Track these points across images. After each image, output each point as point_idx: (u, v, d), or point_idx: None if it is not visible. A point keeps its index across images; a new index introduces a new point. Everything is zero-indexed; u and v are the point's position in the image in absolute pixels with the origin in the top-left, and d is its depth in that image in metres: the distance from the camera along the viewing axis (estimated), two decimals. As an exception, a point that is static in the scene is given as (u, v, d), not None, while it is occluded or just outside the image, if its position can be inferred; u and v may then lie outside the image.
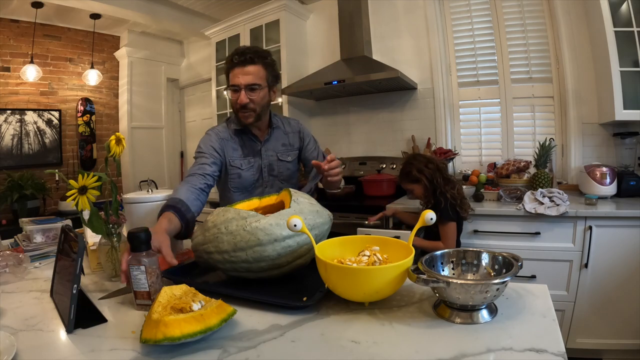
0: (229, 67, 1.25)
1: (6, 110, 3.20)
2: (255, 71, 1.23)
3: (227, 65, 1.27)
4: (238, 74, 1.22)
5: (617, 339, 1.73)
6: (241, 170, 1.33)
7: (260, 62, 1.24)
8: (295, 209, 0.84)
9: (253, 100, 1.24)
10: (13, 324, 0.71)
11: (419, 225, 0.74)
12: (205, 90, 3.97)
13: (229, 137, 1.33)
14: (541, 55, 2.35)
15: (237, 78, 1.23)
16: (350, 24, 2.67)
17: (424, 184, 1.69)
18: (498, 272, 0.73)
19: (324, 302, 0.74)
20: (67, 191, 0.86)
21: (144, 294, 0.74)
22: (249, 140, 1.34)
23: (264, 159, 1.35)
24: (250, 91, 1.23)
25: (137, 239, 0.75)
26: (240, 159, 1.33)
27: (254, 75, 1.23)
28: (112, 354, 0.59)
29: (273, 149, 1.37)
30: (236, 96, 1.24)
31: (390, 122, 2.80)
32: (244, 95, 1.22)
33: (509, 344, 0.56)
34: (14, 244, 1.29)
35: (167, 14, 3.36)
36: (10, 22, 3.21)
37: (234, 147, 1.33)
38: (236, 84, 1.23)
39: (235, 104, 1.25)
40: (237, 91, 1.24)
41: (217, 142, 1.30)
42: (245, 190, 1.36)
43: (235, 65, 1.23)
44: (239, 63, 1.22)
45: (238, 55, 1.22)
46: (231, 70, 1.25)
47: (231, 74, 1.25)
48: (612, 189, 1.91)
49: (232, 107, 1.31)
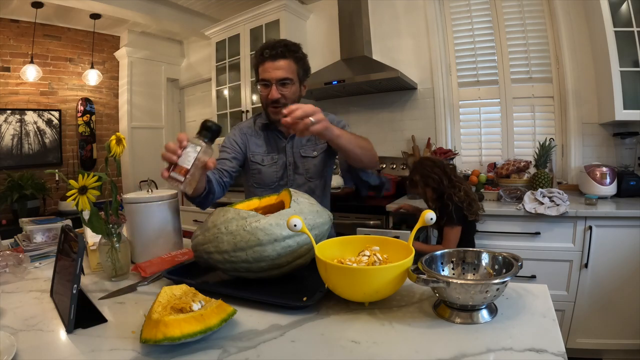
0: (259, 61, 1.21)
1: (6, 110, 3.20)
2: (286, 65, 1.19)
3: (256, 59, 1.23)
4: (269, 68, 1.19)
5: (617, 339, 1.73)
6: (262, 166, 1.30)
7: (291, 56, 1.20)
8: (295, 209, 0.84)
9: (284, 95, 1.20)
10: (13, 324, 0.71)
11: (418, 226, 0.74)
12: (205, 90, 3.97)
13: (254, 133, 1.32)
14: (541, 55, 2.35)
15: (267, 72, 1.19)
16: (350, 24, 2.67)
17: (431, 189, 1.70)
18: (498, 272, 0.73)
19: (324, 302, 0.74)
20: (67, 191, 0.86)
21: (182, 169, 0.78)
22: (275, 136, 1.31)
23: (288, 156, 1.30)
24: (281, 86, 1.20)
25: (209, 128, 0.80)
26: (263, 155, 1.31)
27: (285, 69, 1.19)
28: (112, 354, 0.59)
29: (297, 145, 1.31)
30: (267, 91, 1.21)
31: (390, 122, 2.80)
32: (275, 90, 1.19)
33: (509, 344, 0.56)
34: (14, 244, 1.28)
35: (167, 14, 3.36)
36: (10, 22, 3.21)
37: (258, 142, 1.31)
38: (267, 78, 1.19)
39: (266, 99, 1.22)
40: (268, 86, 1.20)
41: (239, 136, 1.30)
42: (267, 187, 1.31)
43: (265, 60, 1.19)
44: (270, 57, 1.18)
45: (269, 49, 1.19)
46: (261, 64, 1.21)
47: (261, 68, 1.21)
48: (612, 189, 1.91)
49: (261, 103, 1.28)
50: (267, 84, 1.21)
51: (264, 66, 1.20)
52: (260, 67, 1.22)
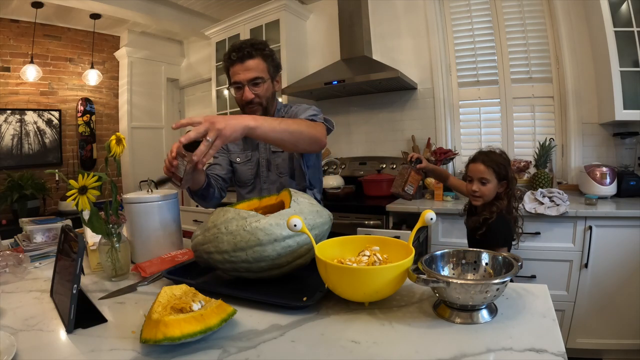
0: (228, 64, 1.22)
1: (6, 110, 3.20)
2: (255, 65, 1.20)
3: (225, 62, 1.23)
4: (239, 70, 1.20)
5: (617, 339, 1.73)
6: (237, 164, 1.32)
7: (259, 54, 1.20)
8: (295, 209, 0.84)
9: (258, 94, 1.21)
10: (13, 324, 0.71)
11: (418, 226, 0.74)
12: (205, 90, 3.97)
13: None
14: (541, 55, 2.35)
15: (238, 75, 1.20)
16: (350, 24, 2.67)
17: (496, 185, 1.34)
18: (498, 272, 0.73)
19: (324, 302, 0.74)
20: (67, 191, 0.86)
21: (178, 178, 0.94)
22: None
23: (261, 152, 1.31)
24: (253, 86, 1.20)
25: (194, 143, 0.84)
26: (239, 153, 1.32)
27: (254, 69, 1.19)
28: (112, 354, 0.59)
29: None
30: (240, 93, 1.22)
31: (390, 122, 2.80)
32: (248, 91, 1.20)
33: (509, 344, 0.56)
34: (14, 244, 1.28)
35: (167, 14, 3.36)
36: (10, 22, 3.21)
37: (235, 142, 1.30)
38: (238, 80, 1.20)
39: (241, 100, 1.23)
40: (241, 88, 1.21)
41: None
42: (245, 186, 1.33)
43: (234, 62, 1.20)
44: (238, 59, 1.19)
45: (236, 51, 1.19)
46: (231, 67, 1.21)
47: (232, 71, 1.22)
48: (612, 189, 1.91)
49: (237, 105, 1.28)
50: (239, 86, 1.21)
51: (234, 69, 1.21)
52: (230, 70, 1.22)
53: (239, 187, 1.36)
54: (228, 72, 1.25)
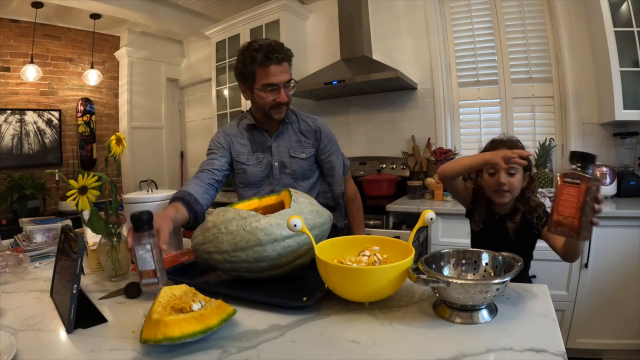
0: (263, 64, 1.17)
1: (6, 110, 3.20)
2: (288, 68, 1.20)
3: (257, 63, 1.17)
4: (276, 72, 1.17)
5: (617, 339, 1.73)
6: (247, 165, 1.29)
7: (290, 58, 1.22)
8: (295, 209, 0.84)
9: (289, 96, 1.22)
10: (13, 324, 0.71)
11: (418, 226, 0.74)
12: (205, 90, 3.97)
13: (237, 134, 1.31)
14: (541, 55, 2.35)
15: (275, 77, 1.17)
16: (350, 24, 2.67)
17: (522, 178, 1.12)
18: (498, 272, 0.73)
19: (324, 302, 0.74)
20: (67, 191, 0.86)
21: (150, 272, 0.75)
22: (260, 135, 1.31)
23: (274, 155, 1.29)
24: (287, 89, 1.20)
25: (139, 220, 0.75)
26: (248, 154, 1.30)
27: (288, 72, 1.20)
28: (112, 354, 0.59)
29: (285, 145, 1.30)
30: (273, 95, 1.19)
31: (390, 122, 2.80)
32: (284, 94, 1.19)
33: (509, 344, 0.56)
34: (14, 244, 1.29)
35: (167, 14, 3.36)
36: (10, 22, 3.21)
37: (242, 142, 1.31)
38: (276, 83, 1.18)
39: (272, 102, 1.20)
40: (275, 90, 1.19)
41: (223, 138, 1.30)
42: (253, 187, 1.31)
43: (271, 63, 1.16)
44: (276, 61, 1.16)
45: (277, 52, 1.17)
46: (265, 67, 1.17)
47: (264, 72, 1.17)
48: (612, 189, 1.91)
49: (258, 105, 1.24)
50: (275, 88, 1.19)
51: (268, 69, 1.17)
52: (262, 71, 1.18)
53: (244, 187, 1.33)
54: (255, 72, 1.19)
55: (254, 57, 1.17)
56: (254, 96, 1.24)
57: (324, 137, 1.33)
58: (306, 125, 1.33)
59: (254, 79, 1.20)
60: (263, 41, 1.20)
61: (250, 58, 1.18)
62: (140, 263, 0.74)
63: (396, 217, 2.17)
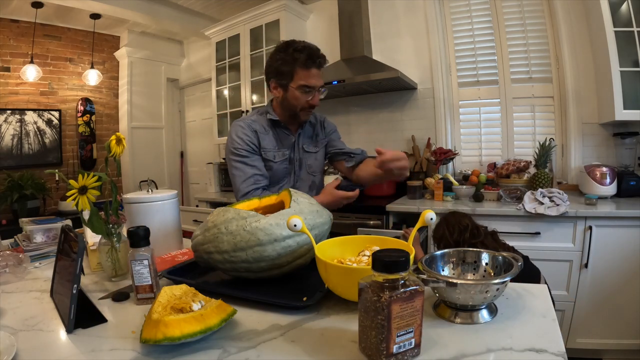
0: (306, 65, 1.21)
1: (6, 110, 3.20)
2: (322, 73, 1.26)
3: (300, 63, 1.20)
4: (315, 75, 1.23)
5: (617, 339, 1.73)
6: (274, 162, 1.30)
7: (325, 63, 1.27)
8: (295, 209, 0.84)
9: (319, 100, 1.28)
10: (13, 324, 0.71)
11: (418, 226, 0.74)
12: (205, 90, 3.97)
13: (262, 130, 1.31)
14: (541, 55, 2.35)
15: (314, 79, 1.23)
16: (350, 24, 2.67)
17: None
18: (498, 272, 0.73)
19: (324, 302, 0.74)
20: (67, 191, 0.86)
21: (146, 287, 0.77)
22: (283, 133, 1.34)
23: (296, 152, 1.35)
24: (319, 92, 1.26)
25: (135, 235, 0.77)
26: (275, 151, 1.31)
27: (321, 77, 1.26)
28: (112, 354, 0.59)
29: (302, 141, 1.38)
30: (308, 97, 1.24)
31: (390, 122, 2.80)
32: (317, 97, 1.26)
33: (509, 344, 0.56)
34: (14, 244, 1.28)
35: (167, 14, 3.36)
36: (10, 22, 3.21)
37: (267, 139, 1.31)
38: (313, 85, 1.23)
39: (305, 103, 1.25)
40: (310, 92, 1.24)
41: (251, 134, 1.29)
42: (276, 184, 1.33)
43: (312, 66, 1.21)
44: (317, 65, 1.22)
45: (320, 57, 1.23)
46: (307, 69, 1.21)
47: (305, 73, 1.21)
48: (612, 189, 1.91)
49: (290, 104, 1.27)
50: (310, 90, 1.23)
51: (310, 72, 1.22)
52: (302, 72, 1.21)
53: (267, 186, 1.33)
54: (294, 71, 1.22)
55: (296, 57, 1.20)
56: (287, 95, 1.25)
57: (327, 125, 1.45)
58: (314, 118, 1.42)
59: (292, 78, 1.23)
60: (305, 43, 1.24)
61: (292, 57, 1.21)
62: (136, 278, 0.76)
63: (396, 217, 2.17)
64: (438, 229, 1.47)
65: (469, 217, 1.44)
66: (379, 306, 0.50)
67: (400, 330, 0.51)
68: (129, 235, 0.78)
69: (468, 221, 1.42)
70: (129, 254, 0.78)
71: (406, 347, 0.52)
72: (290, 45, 1.22)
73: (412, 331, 0.52)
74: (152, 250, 0.79)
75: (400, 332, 0.51)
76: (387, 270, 0.51)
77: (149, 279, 0.77)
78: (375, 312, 0.50)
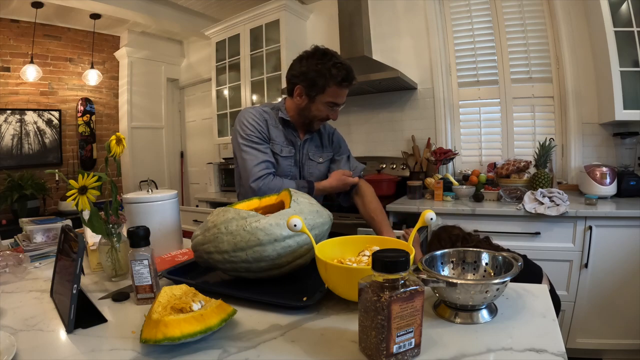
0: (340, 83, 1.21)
1: (6, 110, 3.20)
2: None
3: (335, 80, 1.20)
4: (343, 95, 1.26)
5: (617, 339, 1.73)
6: (280, 156, 1.30)
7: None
8: (295, 209, 0.84)
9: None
10: (13, 324, 0.71)
11: (418, 226, 0.74)
12: (205, 90, 3.97)
13: (273, 122, 1.31)
14: (541, 55, 2.35)
15: (341, 98, 1.26)
16: (350, 24, 2.67)
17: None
18: (498, 272, 0.73)
19: (324, 302, 0.74)
20: (67, 191, 0.86)
21: (146, 287, 0.77)
22: (291, 133, 1.34)
23: (301, 155, 1.36)
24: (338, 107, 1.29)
25: (136, 235, 0.78)
26: (282, 145, 1.31)
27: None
28: (112, 354, 0.59)
29: (308, 148, 1.37)
30: (328, 111, 1.27)
31: (390, 122, 2.80)
32: (337, 112, 1.30)
33: (509, 344, 0.56)
34: (14, 244, 1.28)
35: (167, 14, 3.36)
36: (10, 22, 3.21)
37: (276, 133, 1.31)
38: (339, 103, 1.27)
39: (325, 117, 1.29)
40: (333, 107, 1.27)
41: (261, 122, 1.29)
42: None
43: (345, 86, 1.23)
44: (348, 85, 1.24)
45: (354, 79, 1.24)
46: (339, 86, 1.22)
47: (336, 91, 1.23)
48: (612, 189, 1.91)
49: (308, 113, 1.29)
50: (333, 106, 1.26)
51: (341, 90, 1.24)
52: (336, 89, 1.22)
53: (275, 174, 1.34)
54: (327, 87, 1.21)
55: (334, 73, 1.20)
56: (311, 105, 1.26)
57: (335, 139, 1.47)
58: (324, 128, 1.43)
59: (323, 92, 1.23)
60: (342, 59, 1.23)
61: (330, 73, 1.20)
62: (136, 278, 0.76)
63: (396, 217, 2.17)
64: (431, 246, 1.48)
65: (458, 227, 1.45)
66: (379, 306, 0.50)
67: (400, 330, 0.51)
68: (128, 235, 0.78)
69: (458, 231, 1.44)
70: (129, 254, 0.78)
71: (406, 347, 0.52)
72: (330, 59, 1.20)
73: (412, 331, 0.52)
74: (152, 250, 0.79)
75: (400, 332, 0.51)
76: (387, 270, 0.51)
77: (149, 279, 0.77)
78: (375, 312, 0.51)
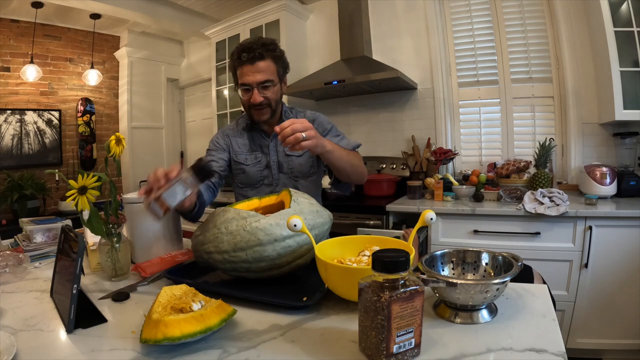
0: (237, 64, 1.17)
1: (6, 110, 3.20)
2: (265, 67, 1.16)
3: (233, 62, 1.19)
4: (248, 72, 1.15)
5: (617, 339, 1.73)
6: (245, 165, 1.29)
7: (270, 55, 1.16)
8: (295, 209, 0.84)
9: (267, 97, 1.18)
10: (13, 324, 0.71)
11: (418, 226, 0.74)
12: (205, 90, 3.97)
13: (236, 134, 1.32)
14: (541, 55, 2.35)
15: (247, 76, 1.16)
16: (350, 24, 2.67)
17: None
18: (498, 272, 0.73)
19: (324, 302, 0.74)
20: (67, 191, 0.86)
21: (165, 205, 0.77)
22: (258, 136, 1.31)
23: (272, 155, 1.28)
24: (263, 89, 1.17)
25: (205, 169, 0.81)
26: (247, 154, 1.30)
27: (265, 72, 1.16)
28: (112, 354, 0.59)
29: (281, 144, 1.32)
30: (248, 95, 1.18)
31: (390, 122, 2.80)
32: (257, 94, 1.16)
33: (509, 344, 0.56)
34: (14, 244, 1.28)
35: (167, 14, 3.36)
36: (10, 22, 3.21)
37: (241, 142, 1.31)
38: (247, 82, 1.16)
39: (248, 102, 1.20)
40: (249, 90, 1.17)
41: (222, 138, 1.32)
42: (252, 187, 1.31)
43: (243, 63, 1.15)
44: (248, 60, 1.14)
45: (246, 52, 1.14)
46: (239, 67, 1.17)
47: (240, 72, 1.17)
48: (612, 189, 1.91)
49: (243, 105, 1.25)
50: (248, 88, 1.18)
51: (242, 70, 1.17)
52: (238, 71, 1.18)
53: (244, 187, 1.32)
54: (235, 72, 1.20)
55: (233, 56, 1.19)
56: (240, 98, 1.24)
57: (320, 127, 1.28)
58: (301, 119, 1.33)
59: (237, 79, 1.21)
60: (246, 40, 1.20)
61: (232, 58, 1.20)
62: (168, 193, 0.76)
63: (396, 217, 2.17)
64: None
65: None
66: (379, 306, 0.50)
67: (400, 330, 0.51)
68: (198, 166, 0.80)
69: None
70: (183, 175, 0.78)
71: (406, 347, 0.52)
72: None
73: (412, 331, 0.52)
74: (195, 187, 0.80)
75: (400, 332, 0.51)
76: (387, 270, 0.51)
77: (173, 203, 0.77)
78: (375, 312, 0.50)
